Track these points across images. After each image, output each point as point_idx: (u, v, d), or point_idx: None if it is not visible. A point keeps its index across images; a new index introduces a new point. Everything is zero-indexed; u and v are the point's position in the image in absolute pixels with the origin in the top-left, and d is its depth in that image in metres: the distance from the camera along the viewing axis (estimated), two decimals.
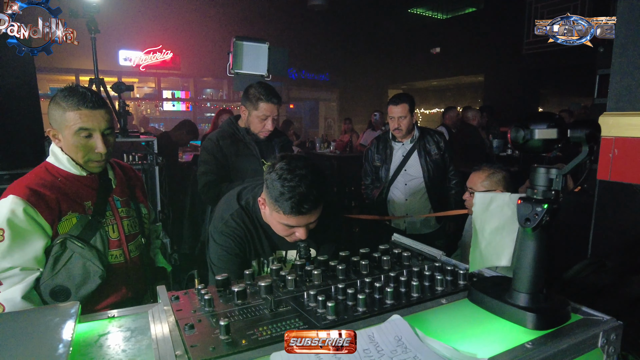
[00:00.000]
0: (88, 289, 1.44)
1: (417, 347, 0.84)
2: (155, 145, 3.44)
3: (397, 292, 1.08)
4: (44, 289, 1.40)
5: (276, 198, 1.39)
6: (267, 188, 1.43)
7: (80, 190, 1.53)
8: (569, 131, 0.89)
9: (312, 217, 1.44)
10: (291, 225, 1.44)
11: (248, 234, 1.60)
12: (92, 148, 1.50)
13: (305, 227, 1.45)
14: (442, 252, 1.38)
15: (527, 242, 0.97)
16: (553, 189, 0.94)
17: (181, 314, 0.98)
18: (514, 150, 5.86)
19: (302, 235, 1.46)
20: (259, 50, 3.42)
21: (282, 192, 1.37)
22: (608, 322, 0.95)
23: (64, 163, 1.51)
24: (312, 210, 1.40)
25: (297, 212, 1.38)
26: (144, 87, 12.76)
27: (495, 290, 1.04)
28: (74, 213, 1.48)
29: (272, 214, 1.46)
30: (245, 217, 1.61)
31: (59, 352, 0.81)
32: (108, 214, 1.58)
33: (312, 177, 1.40)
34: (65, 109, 1.45)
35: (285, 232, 1.49)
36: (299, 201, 1.36)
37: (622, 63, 2.43)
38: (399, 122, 3.06)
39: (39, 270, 1.40)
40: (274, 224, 1.50)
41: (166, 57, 11.28)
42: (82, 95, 1.46)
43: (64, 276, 1.41)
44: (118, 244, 1.59)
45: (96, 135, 1.49)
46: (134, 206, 1.71)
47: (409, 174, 3.18)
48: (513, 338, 0.91)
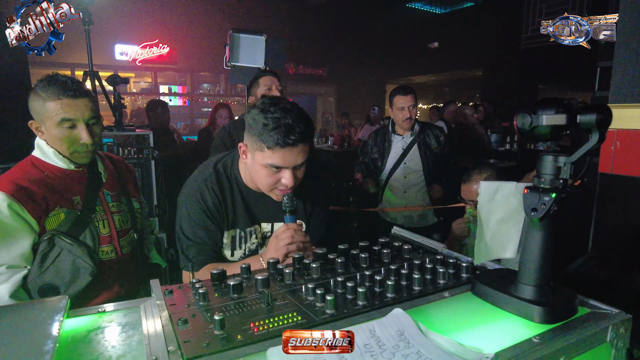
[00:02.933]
0: (78, 287, 1.39)
1: (420, 342, 0.80)
2: (151, 139, 3.39)
3: (399, 285, 1.04)
4: (32, 287, 1.35)
5: (259, 132, 1.29)
6: (249, 127, 1.33)
7: (68, 184, 1.48)
8: (579, 116, 0.85)
9: (300, 155, 1.33)
10: (276, 166, 1.33)
11: (222, 202, 1.47)
12: (77, 139, 1.44)
13: (292, 171, 1.35)
14: (444, 245, 1.35)
15: (533, 233, 0.94)
16: (561, 177, 0.90)
17: (174, 308, 0.94)
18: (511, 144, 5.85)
19: (288, 181, 1.35)
20: (256, 43, 3.38)
21: (266, 123, 1.27)
22: (617, 315, 0.92)
23: (50, 157, 1.46)
24: (299, 142, 1.30)
25: (284, 143, 1.27)
26: (141, 82, 12.67)
27: (499, 283, 1.01)
28: (62, 208, 1.42)
29: (255, 156, 1.34)
30: (222, 182, 1.49)
31: (45, 348, 0.77)
32: (98, 209, 1.53)
33: (299, 112, 1.32)
34: (45, 100, 1.39)
35: (270, 180, 1.37)
36: (285, 131, 1.26)
37: (625, 54, 2.40)
38: (410, 111, 3.07)
39: (26, 268, 1.35)
40: (257, 173, 1.38)
41: (163, 52, 11.20)
42: (62, 84, 1.40)
43: (52, 273, 1.36)
44: (109, 240, 1.54)
45: (80, 125, 1.43)
46: (126, 201, 1.66)
47: (408, 167, 3.18)
48: (519, 332, 0.88)
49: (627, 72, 2.39)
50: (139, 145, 3.35)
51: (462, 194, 2.29)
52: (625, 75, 2.40)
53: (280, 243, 1.33)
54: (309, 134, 1.34)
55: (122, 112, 3.48)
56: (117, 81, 3.39)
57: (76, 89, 1.42)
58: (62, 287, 1.37)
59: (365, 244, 1.27)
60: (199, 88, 13.33)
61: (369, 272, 1.06)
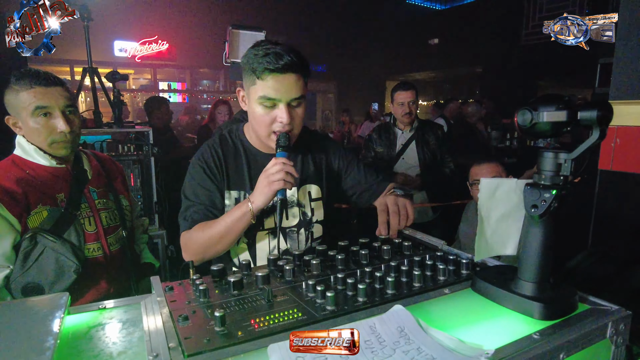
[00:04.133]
0: (63, 285, 1.36)
1: (420, 338, 0.80)
2: (150, 136, 3.38)
3: (399, 281, 1.04)
4: (14, 287, 1.33)
5: (250, 63, 1.27)
6: (243, 65, 1.31)
7: (51, 182, 1.46)
8: (579, 113, 0.85)
9: (293, 87, 1.29)
10: (270, 98, 1.29)
11: (224, 160, 1.46)
12: (54, 128, 1.42)
13: (287, 107, 1.31)
14: (444, 242, 1.35)
15: (533, 230, 0.94)
16: (561, 174, 0.90)
17: (175, 305, 0.94)
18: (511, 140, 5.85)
19: (284, 116, 1.30)
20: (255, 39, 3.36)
21: (257, 53, 1.26)
22: (617, 312, 0.92)
23: (32, 154, 1.44)
24: (289, 70, 1.27)
25: (274, 67, 1.24)
26: (140, 78, 12.65)
27: (499, 280, 1.01)
28: (44, 206, 1.40)
29: (250, 93, 1.32)
30: (226, 144, 1.49)
31: (46, 345, 0.77)
32: (84, 206, 1.51)
33: (291, 47, 1.30)
34: (18, 91, 1.38)
35: (266, 119, 1.32)
36: (275, 57, 1.24)
37: (626, 51, 2.39)
38: (410, 106, 3.11)
39: (8, 267, 1.33)
40: (255, 116, 1.35)
41: (162, 48, 11.17)
42: (34, 73, 1.39)
43: (35, 272, 1.34)
44: (95, 237, 1.52)
45: (56, 113, 1.41)
46: (113, 198, 1.64)
47: (406, 162, 3.22)
48: (519, 328, 0.88)
49: (627, 69, 2.39)
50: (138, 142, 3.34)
51: (473, 176, 2.26)
52: (625, 71, 2.39)
53: (270, 178, 1.26)
54: (302, 65, 1.31)
55: (122, 108, 3.47)
56: (117, 78, 3.37)
57: (48, 77, 1.41)
58: (46, 286, 1.35)
59: (365, 241, 1.27)
60: (198, 85, 13.30)
61: (369, 269, 1.06)
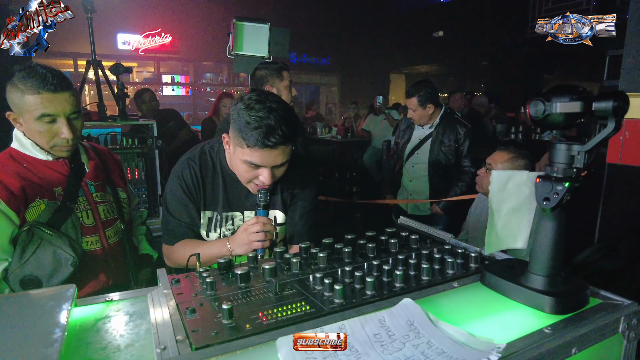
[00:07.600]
0: (60, 278, 1.36)
1: (430, 332, 0.79)
2: (154, 129, 3.37)
3: (407, 275, 1.04)
4: (12, 280, 1.32)
5: (241, 128, 1.29)
6: (233, 120, 1.33)
7: (49, 175, 1.45)
8: (594, 104, 0.83)
9: (279, 156, 1.33)
10: (255, 164, 1.33)
11: (202, 181, 1.49)
12: (57, 133, 1.39)
13: (270, 170, 1.35)
14: (451, 235, 1.34)
15: (545, 223, 0.92)
16: (574, 166, 0.88)
17: (182, 297, 0.94)
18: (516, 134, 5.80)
19: (266, 179, 1.35)
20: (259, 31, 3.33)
21: (249, 121, 1.27)
22: (629, 306, 0.91)
23: (29, 148, 1.43)
24: (279, 145, 1.29)
25: (263, 145, 1.27)
26: (143, 71, 12.60)
27: (509, 273, 1.00)
28: (42, 199, 1.39)
29: (236, 150, 1.35)
30: (205, 162, 1.51)
31: (54, 337, 0.76)
32: (81, 200, 1.50)
33: (284, 112, 1.30)
34: (23, 92, 1.33)
35: (248, 175, 1.38)
36: (266, 133, 1.26)
37: (636, 42, 2.35)
38: (410, 113, 3.22)
39: (6, 260, 1.33)
40: (237, 166, 1.39)
41: (165, 41, 11.10)
42: (42, 76, 1.33)
43: (33, 265, 1.33)
44: (93, 230, 1.52)
45: (61, 120, 1.38)
46: (111, 191, 1.63)
47: (418, 158, 3.28)
48: (530, 323, 0.87)
49: (638, 60, 2.35)
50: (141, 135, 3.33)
51: (488, 159, 2.22)
52: (636, 63, 2.36)
53: (250, 237, 1.34)
54: (291, 136, 1.33)
55: (126, 101, 3.46)
56: (120, 70, 3.35)
57: (57, 82, 1.35)
58: (44, 279, 1.34)
59: (372, 234, 1.26)
60: (201, 78, 13.25)
61: (377, 262, 1.05)
